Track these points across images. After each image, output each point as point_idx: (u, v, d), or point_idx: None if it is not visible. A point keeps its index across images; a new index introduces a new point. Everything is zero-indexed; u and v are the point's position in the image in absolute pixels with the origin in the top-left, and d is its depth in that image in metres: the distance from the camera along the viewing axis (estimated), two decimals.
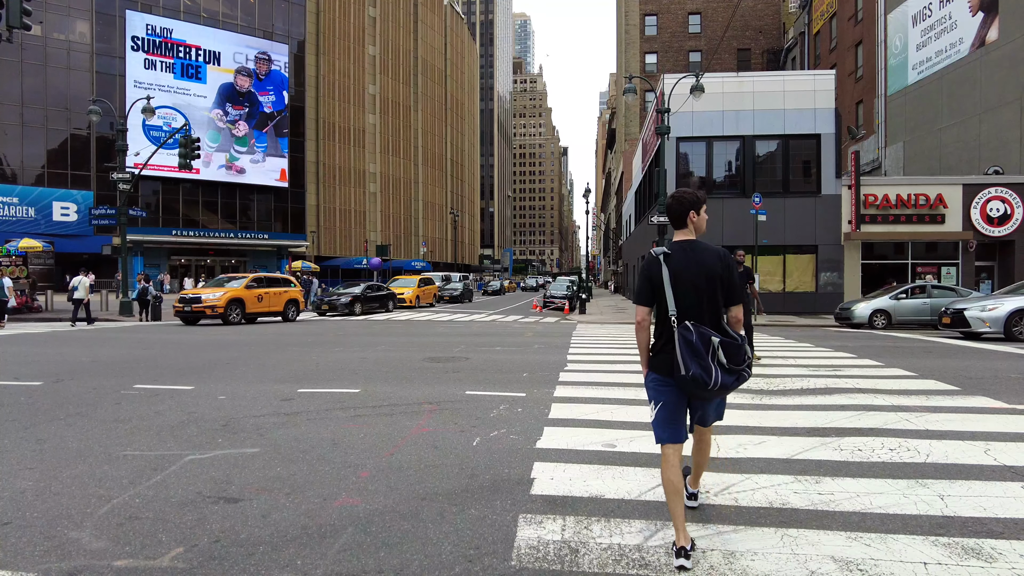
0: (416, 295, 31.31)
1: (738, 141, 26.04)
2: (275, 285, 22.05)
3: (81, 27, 46.67)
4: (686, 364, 3.06)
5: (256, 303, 20.76)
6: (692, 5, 51.14)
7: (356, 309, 24.95)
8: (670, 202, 3.39)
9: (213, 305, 19.43)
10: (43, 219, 44.04)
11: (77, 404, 6.90)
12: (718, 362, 3.08)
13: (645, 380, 3.37)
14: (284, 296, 21.89)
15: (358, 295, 25.63)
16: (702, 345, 3.08)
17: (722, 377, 3.07)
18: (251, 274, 22.87)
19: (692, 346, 3.08)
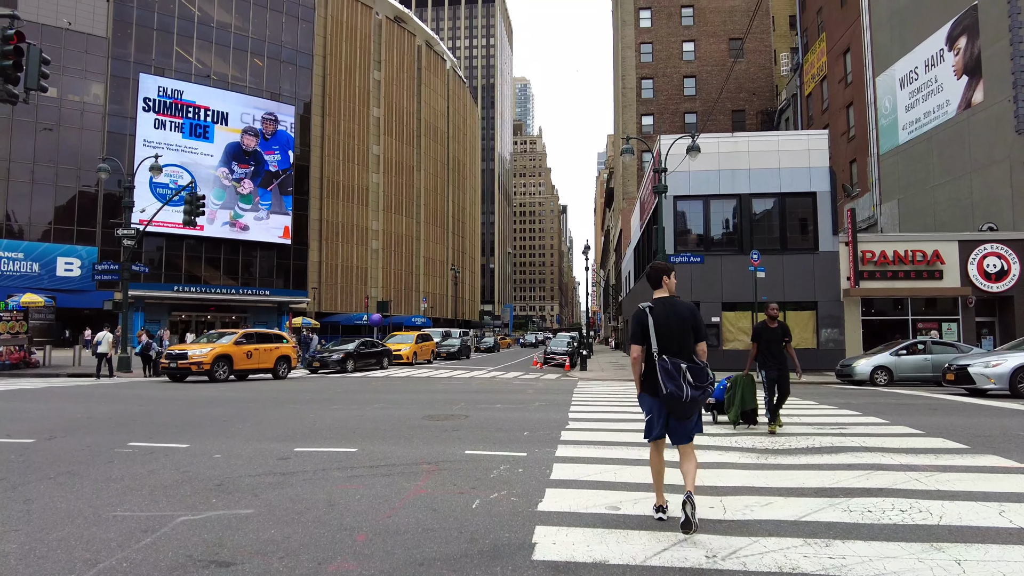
0: (413, 351, 30.94)
1: (735, 199, 26.41)
2: (266, 341, 21.63)
3: (96, 89, 48.11)
4: (665, 385, 4.42)
5: (245, 360, 20.28)
6: (687, 69, 52.81)
7: (348, 366, 24.39)
8: (649, 271, 4.88)
9: (199, 361, 18.99)
10: (46, 274, 44.34)
11: (69, 462, 6.76)
12: (687, 381, 4.40)
13: (638, 398, 4.79)
14: (275, 353, 21.42)
15: (351, 352, 25.05)
16: (675, 371, 4.42)
17: (691, 392, 4.40)
18: (241, 330, 22.47)
19: (668, 372, 4.42)
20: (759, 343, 9.06)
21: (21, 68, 11.11)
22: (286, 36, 58.37)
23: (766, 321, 9.20)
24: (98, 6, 48.59)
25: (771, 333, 9.03)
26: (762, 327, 9.14)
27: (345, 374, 23.59)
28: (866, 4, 33.79)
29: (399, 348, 30.26)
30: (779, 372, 8.97)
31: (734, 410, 9.39)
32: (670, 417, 4.58)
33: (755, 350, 9.10)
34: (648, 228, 31.98)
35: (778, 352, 8.99)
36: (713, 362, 23.09)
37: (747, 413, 9.39)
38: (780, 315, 9.42)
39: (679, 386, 4.38)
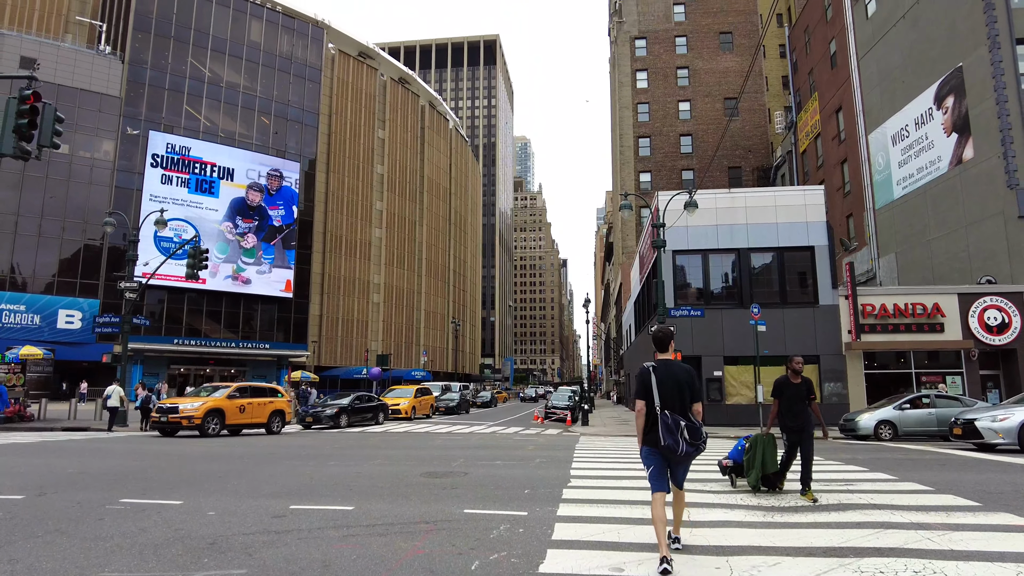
0: (412, 406, 30.33)
1: (733, 254, 26.61)
2: (260, 395, 21.18)
3: (106, 146, 49.19)
4: (664, 438, 4.96)
5: (238, 414, 19.86)
6: (683, 128, 54.05)
7: (342, 421, 23.81)
8: (660, 336, 5.46)
9: (190, 416, 18.57)
10: (47, 326, 44.35)
11: (58, 520, 6.60)
12: (684, 438, 4.96)
13: (640, 451, 5.23)
14: (269, 407, 20.95)
15: (345, 406, 24.47)
16: (675, 426, 4.97)
17: (686, 447, 4.97)
18: (235, 384, 22.04)
19: (668, 427, 4.97)
20: (781, 400, 8.36)
21: (36, 126, 11.41)
22: (293, 96, 60.02)
23: (788, 376, 8.45)
24: (113, 68, 50.18)
25: (794, 389, 8.31)
26: (784, 382, 8.40)
27: (341, 429, 23.14)
28: (855, 66, 34.86)
29: (397, 403, 29.72)
30: (802, 432, 8.21)
31: (754, 473, 8.56)
32: (670, 466, 5.20)
33: (776, 407, 8.41)
34: (648, 282, 32.12)
35: (801, 410, 8.24)
36: (716, 417, 22.88)
37: (768, 477, 8.55)
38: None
39: (676, 441, 4.96)
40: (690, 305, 25.58)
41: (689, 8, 55.34)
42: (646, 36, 55.60)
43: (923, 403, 18.90)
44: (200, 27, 54.68)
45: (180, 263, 38.74)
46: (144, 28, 51.79)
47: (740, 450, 8.92)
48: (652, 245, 24.89)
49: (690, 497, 7.77)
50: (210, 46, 55.18)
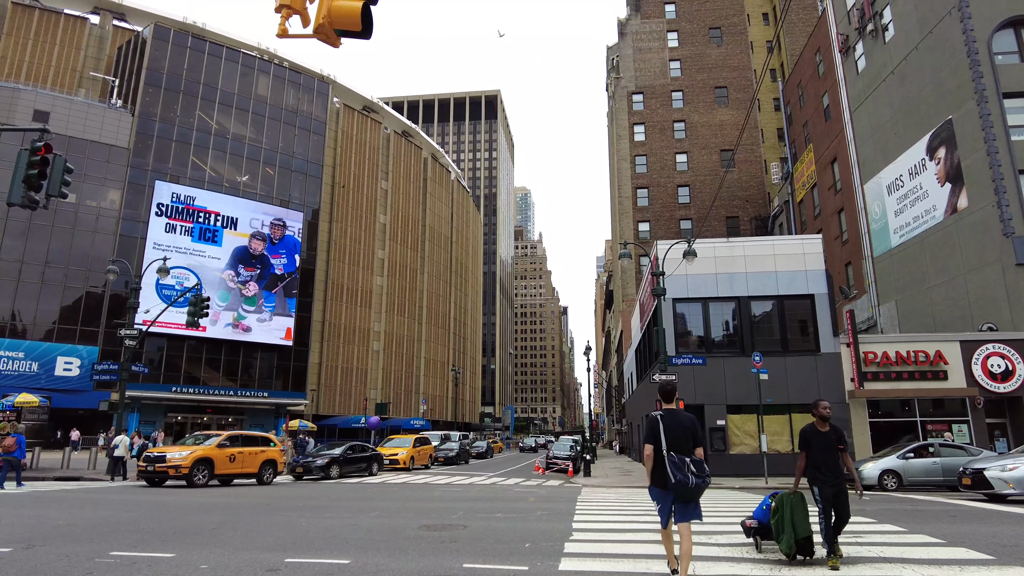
0: (411, 456, 29.51)
1: (733, 302, 26.65)
2: (252, 444, 20.58)
3: (113, 195, 49.92)
4: (673, 475, 5.83)
5: (228, 463, 19.26)
6: (680, 179, 54.90)
7: (333, 472, 22.96)
8: (667, 388, 6.50)
9: (178, 465, 17.90)
10: (44, 374, 44.09)
11: (45, 574, 6.44)
12: (691, 471, 5.84)
13: (649, 490, 6.26)
14: (260, 456, 20.32)
15: (336, 457, 23.60)
16: (681, 463, 5.85)
17: (695, 480, 5.83)
18: (226, 432, 21.46)
19: (676, 464, 5.85)
20: (809, 452, 7.38)
21: (45, 176, 11.63)
22: (298, 148, 61.23)
23: (815, 424, 7.50)
24: (123, 121, 51.36)
25: (823, 439, 7.37)
26: (811, 431, 7.46)
27: (337, 480, 22.62)
28: (848, 119, 35.65)
29: (395, 452, 29.04)
30: (836, 488, 7.16)
31: (786, 539, 7.35)
32: (676, 502, 6.05)
33: (803, 460, 7.44)
34: (649, 329, 32.07)
35: (833, 463, 7.24)
36: (721, 467, 22.49)
37: (802, 542, 7.39)
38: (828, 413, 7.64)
39: (685, 475, 5.86)
40: (692, 353, 25.48)
41: (684, 64, 56.93)
42: (643, 91, 57.04)
43: (928, 452, 18.62)
44: (209, 82, 56.19)
45: (181, 311, 38.75)
46: (155, 83, 53.22)
47: (766, 510, 7.99)
48: (652, 293, 24.97)
49: (697, 551, 7.60)
50: (218, 99, 56.59)
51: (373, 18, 5.45)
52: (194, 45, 56.24)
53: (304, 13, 5.55)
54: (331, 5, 5.33)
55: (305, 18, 5.58)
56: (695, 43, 57.14)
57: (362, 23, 5.34)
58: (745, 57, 56.38)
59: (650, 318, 30.58)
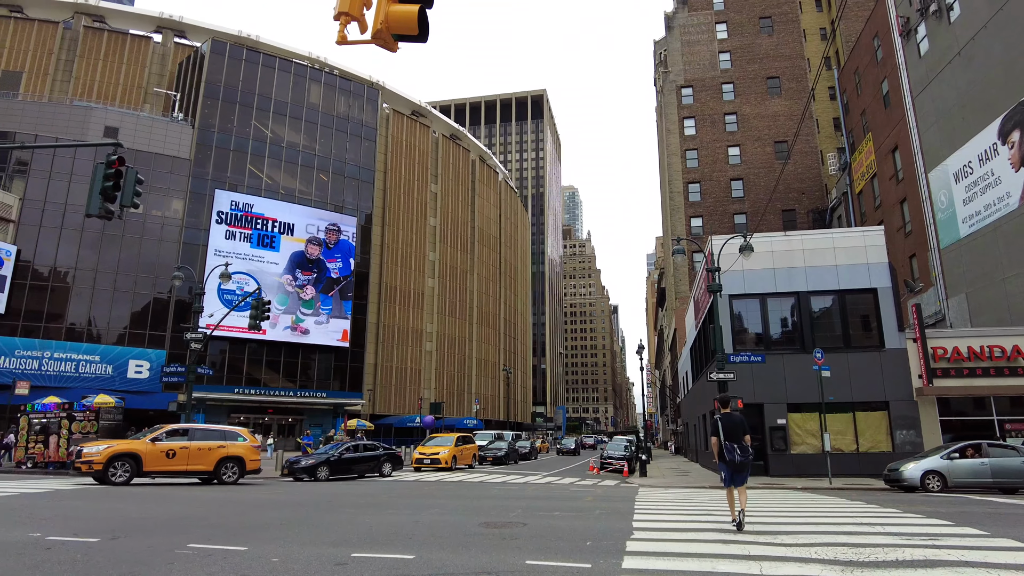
0: (452, 455, 28.40)
1: (792, 297, 25.94)
2: (206, 438, 18.83)
3: (176, 204, 52.14)
4: (730, 454, 9.68)
5: (163, 459, 17.68)
6: (733, 172, 53.70)
7: (320, 474, 21.74)
8: (725, 399, 10.42)
9: (90, 461, 16.85)
10: (118, 376, 46.35)
11: (131, 563, 6.78)
12: (738, 453, 9.64)
13: (718, 465, 10.18)
14: (216, 453, 18.59)
15: (332, 457, 22.33)
16: (731, 448, 9.67)
17: (740, 458, 9.64)
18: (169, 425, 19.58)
19: (729, 448, 9.68)
20: None
21: (119, 188, 12.26)
22: (350, 154, 62.68)
23: None
24: (184, 133, 53.58)
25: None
26: None
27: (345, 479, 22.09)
28: (910, 105, 34.19)
29: (437, 452, 28.11)
30: None
31: None
32: (732, 472, 9.75)
33: None
34: (704, 327, 31.50)
35: None
36: (782, 466, 21.96)
37: None
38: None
39: (734, 455, 9.67)
40: (750, 351, 24.92)
41: (734, 56, 55.68)
42: (692, 84, 56.07)
43: (976, 452, 17.64)
44: (263, 92, 58.05)
45: (242, 315, 40.17)
46: (213, 95, 55.32)
47: None
48: (708, 290, 24.51)
49: (763, 551, 7.41)
50: (272, 109, 58.41)
51: (428, 21, 5.54)
52: (249, 57, 58.20)
53: (362, 20, 5.68)
54: (388, 10, 5.45)
55: (363, 25, 5.71)
56: (745, 33, 55.81)
57: (418, 27, 5.44)
58: (798, 46, 54.76)
59: (705, 315, 30.04)
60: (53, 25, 59.10)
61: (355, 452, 23.82)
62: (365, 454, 24.06)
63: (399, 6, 5.42)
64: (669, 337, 67.86)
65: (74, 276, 48.20)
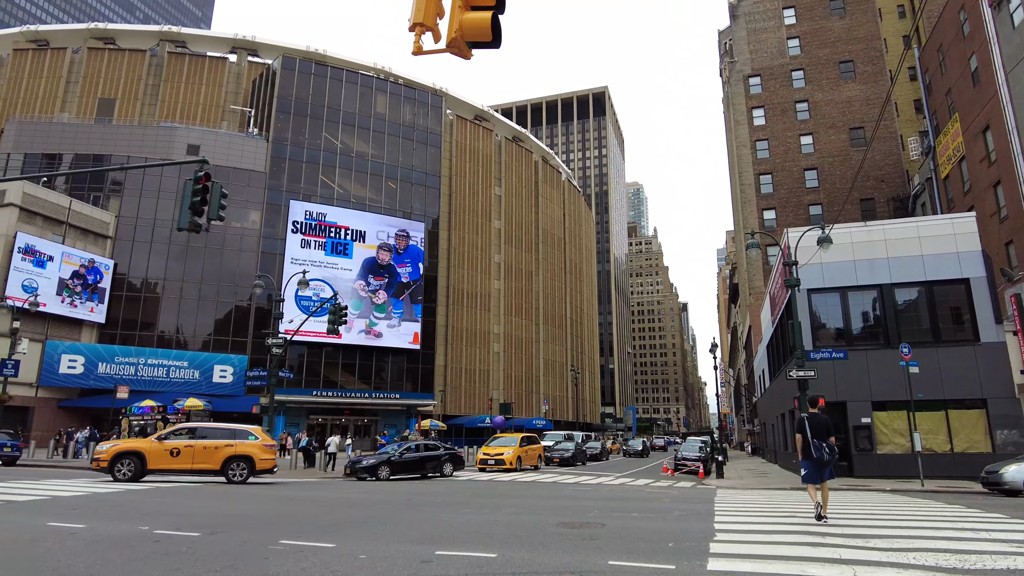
0: (517, 456, 27.81)
1: (875, 290, 24.79)
2: (213, 437, 18.88)
3: (254, 216, 54.65)
4: (816, 451, 10.44)
5: (167, 458, 17.97)
6: (807, 162, 51.68)
7: (382, 474, 22.20)
8: (811, 399, 13.85)
9: (98, 458, 17.86)
10: (204, 381, 48.92)
11: (230, 557, 7.16)
12: (825, 451, 10.42)
13: (801, 463, 10.80)
14: (223, 452, 18.51)
15: (393, 457, 22.73)
16: (818, 446, 10.43)
17: (827, 456, 10.42)
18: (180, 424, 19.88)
19: (816, 446, 10.45)
20: None
21: (207, 203, 13.00)
22: (416, 161, 64.12)
23: None
24: (259, 147, 56.11)
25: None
26: None
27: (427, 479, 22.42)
28: (1003, 81, 31.97)
29: (501, 452, 27.69)
30: None
31: None
32: (818, 468, 10.50)
33: None
34: (781, 323, 30.47)
35: None
36: (867, 467, 21.03)
37: None
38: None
39: (821, 453, 10.38)
40: (831, 347, 23.94)
41: (804, 41, 53.61)
42: (760, 73, 54.36)
43: None
44: (332, 104, 60.11)
45: (319, 320, 41.63)
46: (285, 110, 57.69)
47: None
48: (785, 284, 23.71)
49: (856, 555, 7.12)
50: (341, 120, 60.40)
51: (501, 27, 5.63)
52: (317, 71, 60.36)
53: (436, 29, 5.81)
54: (462, 19, 5.56)
55: (436, 34, 5.84)
56: (814, 17, 53.62)
57: (492, 33, 5.53)
58: (873, 26, 52.16)
59: (782, 311, 29.06)
60: (141, 53, 63.02)
61: (416, 452, 24.05)
62: (426, 454, 24.19)
63: (472, 14, 5.53)
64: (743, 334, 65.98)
65: (163, 287, 51.26)
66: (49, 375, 43.49)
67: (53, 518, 10.19)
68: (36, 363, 42.56)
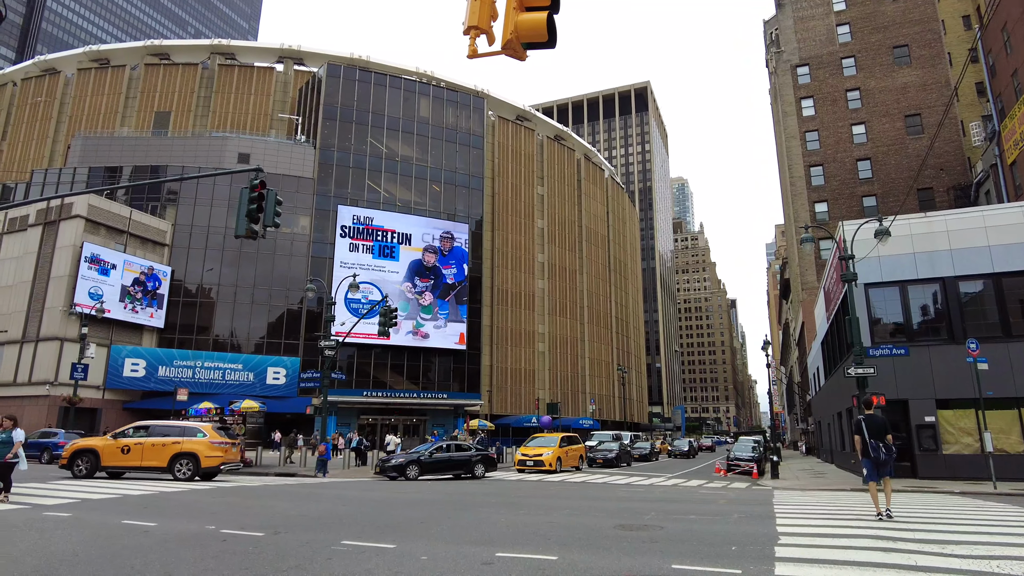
0: (557, 457, 26.89)
1: (936, 283, 23.78)
2: (162, 435, 18.96)
3: (303, 221, 55.95)
4: (875, 452, 10.99)
5: (119, 455, 18.53)
6: (859, 152, 49.98)
7: (410, 473, 22.32)
8: (866, 400, 12.48)
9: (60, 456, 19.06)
10: (258, 383, 50.28)
11: (296, 557, 7.32)
12: (882, 451, 10.97)
13: (862, 462, 11.45)
14: (170, 449, 18.60)
15: (423, 457, 22.82)
16: (876, 446, 10.98)
17: (884, 455, 10.98)
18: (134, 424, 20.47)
19: (874, 446, 10.99)
20: None
21: (262, 210, 13.33)
22: (459, 163, 64.63)
23: None
24: (307, 154, 57.41)
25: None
26: None
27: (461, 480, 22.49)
28: None
29: (540, 453, 26.81)
30: None
31: None
32: (877, 467, 11.05)
33: None
34: (837, 319, 29.54)
35: None
36: (932, 468, 20.25)
37: None
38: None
39: (879, 452, 10.87)
40: (890, 343, 23.07)
41: (855, 27, 51.87)
42: (808, 62, 52.86)
43: None
44: (376, 110, 61.07)
45: (368, 322, 42.31)
46: (331, 117, 58.89)
47: None
48: (841, 279, 22.98)
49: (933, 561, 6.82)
50: (386, 125, 61.33)
51: (556, 27, 5.59)
52: (361, 77, 61.39)
53: (490, 32, 5.81)
54: (517, 20, 5.54)
55: (491, 37, 5.84)
56: (866, 1, 51.82)
57: (548, 33, 5.50)
58: (929, 8, 50.08)
59: (838, 307, 28.18)
60: (194, 67, 65.27)
61: (447, 452, 24.00)
62: (456, 455, 24.08)
63: (527, 15, 5.51)
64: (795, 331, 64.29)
65: (218, 292, 52.93)
66: (114, 378, 45.38)
67: (126, 516, 10.61)
68: (102, 367, 44.47)
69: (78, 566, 6.82)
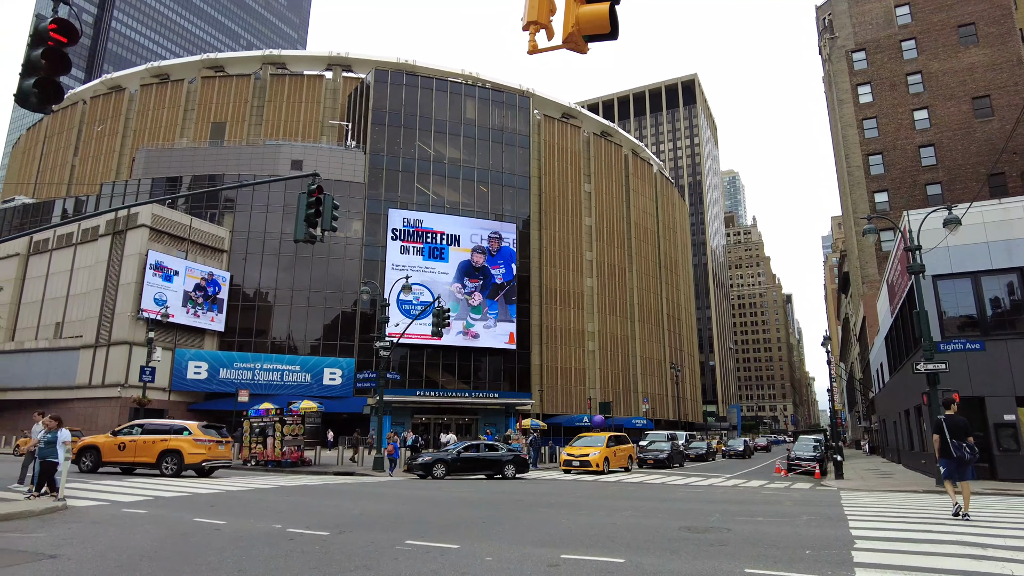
0: (604, 457, 26.00)
1: (1014, 274, 22.49)
2: (153, 433, 20.00)
3: (355, 225, 57.07)
4: (955, 451, 11.00)
5: (116, 451, 19.68)
6: (922, 138, 47.81)
7: (437, 472, 22.31)
8: (946, 402, 12.63)
9: None
10: (316, 384, 51.50)
11: (362, 557, 7.39)
12: (964, 451, 10.95)
13: (939, 461, 11.77)
14: (158, 446, 19.56)
15: (450, 457, 22.87)
16: (959, 446, 10.97)
17: (968, 455, 10.96)
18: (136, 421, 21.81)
19: (956, 446, 10.99)
20: None
21: (319, 215, 13.60)
22: (506, 163, 64.75)
23: None
24: (358, 159, 58.50)
25: None
26: None
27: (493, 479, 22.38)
28: None
29: (586, 453, 26.09)
30: None
31: None
32: (959, 467, 11.00)
33: None
34: (902, 313, 28.30)
35: None
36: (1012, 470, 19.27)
37: None
38: None
39: (961, 452, 10.84)
40: (963, 337, 21.96)
41: (915, 7, 49.65)
42: (864, 47, 50.90)
43: None
44: (423, 113, 61.77)
45: (421, 323, 42.79)
46: (380, 122, 59.87)
47: None
48: (907, 271, 22.00)
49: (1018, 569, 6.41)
50: (433, 128, 61.98)
51: (619, 18, 5.46)
52: (408, 82, 62.19)
53: (549, 27, 5.72)
54: (579, 12, 5.44)
55: (550, 31, 5.75)
56: None
57: (610, 24, 5.37)
58: None
59: (903, 300, 26.99)
60: (247, 78, 67.36)
61: (476, 452, 23.96)
62: (486, 455, 23.88)
63: (589, 7, 5.40)
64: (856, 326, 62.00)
65: (275, 296, 54.46)
66: (179, 380, 47.19)
67: (196, 514, 10.96)
68: (167, 370, 46.31)
69: (156, 561, 7.06)
